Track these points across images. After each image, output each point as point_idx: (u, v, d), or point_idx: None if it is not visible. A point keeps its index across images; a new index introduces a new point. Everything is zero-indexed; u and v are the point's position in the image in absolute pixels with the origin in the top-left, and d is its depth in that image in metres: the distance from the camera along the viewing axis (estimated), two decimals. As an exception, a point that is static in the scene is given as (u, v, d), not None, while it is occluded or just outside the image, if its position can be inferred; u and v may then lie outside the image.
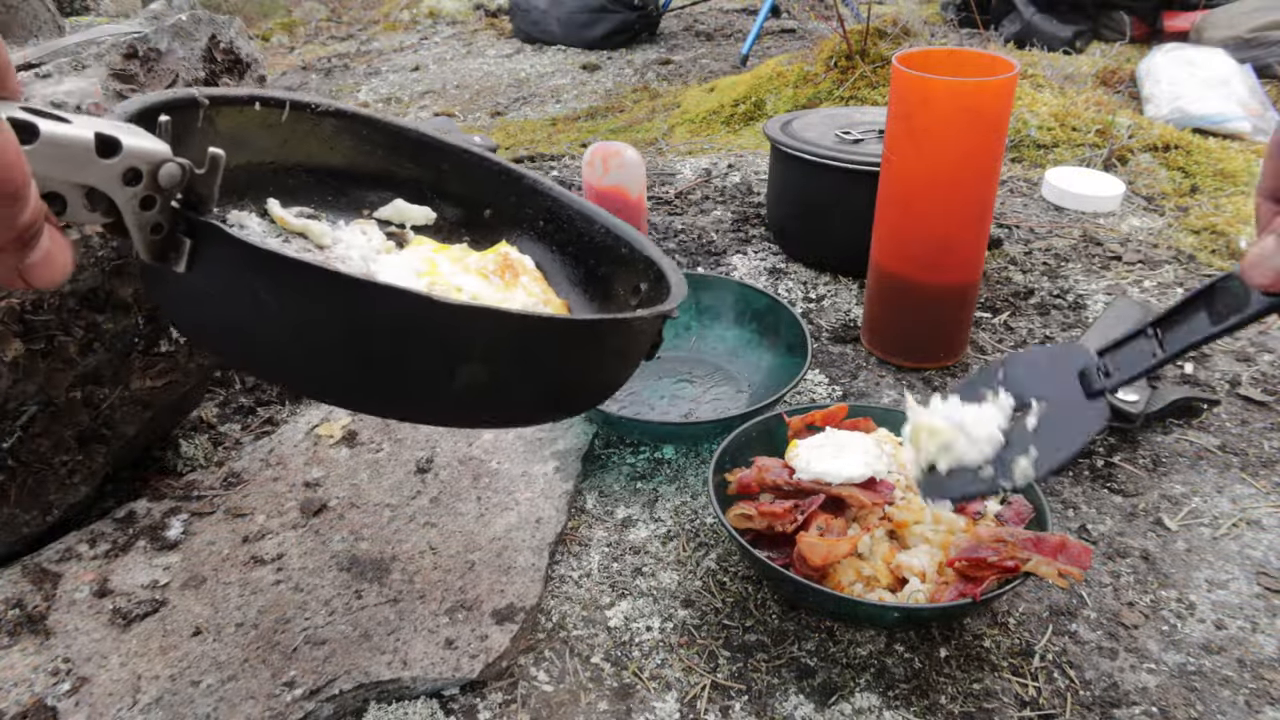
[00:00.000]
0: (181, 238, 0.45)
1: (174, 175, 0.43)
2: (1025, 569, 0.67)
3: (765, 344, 1.09)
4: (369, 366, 0.50)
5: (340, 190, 0.73)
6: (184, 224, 0.45)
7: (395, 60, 3.32)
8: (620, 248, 0.75)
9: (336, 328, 0.49)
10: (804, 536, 0.73)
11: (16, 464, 0.78)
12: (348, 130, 0.72)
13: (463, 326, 0.50)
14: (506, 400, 0.56)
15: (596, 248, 0.76)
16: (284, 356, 0.51)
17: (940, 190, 1.02)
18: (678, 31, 3.40)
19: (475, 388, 0.52)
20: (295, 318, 0.49)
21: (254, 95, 0.65)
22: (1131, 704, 0.70)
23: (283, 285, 0.47)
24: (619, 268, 0.75)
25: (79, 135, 0.38)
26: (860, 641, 0.75)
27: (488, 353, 0.51)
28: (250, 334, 0.50)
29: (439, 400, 0.53)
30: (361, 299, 0.48)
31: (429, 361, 0.50)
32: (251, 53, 1.04)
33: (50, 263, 0.37)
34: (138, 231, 0.44)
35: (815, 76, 2.21)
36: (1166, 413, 1.00)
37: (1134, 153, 1.74)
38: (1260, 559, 0.83)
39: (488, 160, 0.78)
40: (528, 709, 0.70)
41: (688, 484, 0.93)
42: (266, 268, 0.47)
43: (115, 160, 0.40)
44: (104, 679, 0.69)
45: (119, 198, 0.42)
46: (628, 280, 0.74)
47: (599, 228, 0.77)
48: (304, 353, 0.50)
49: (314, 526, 0.85)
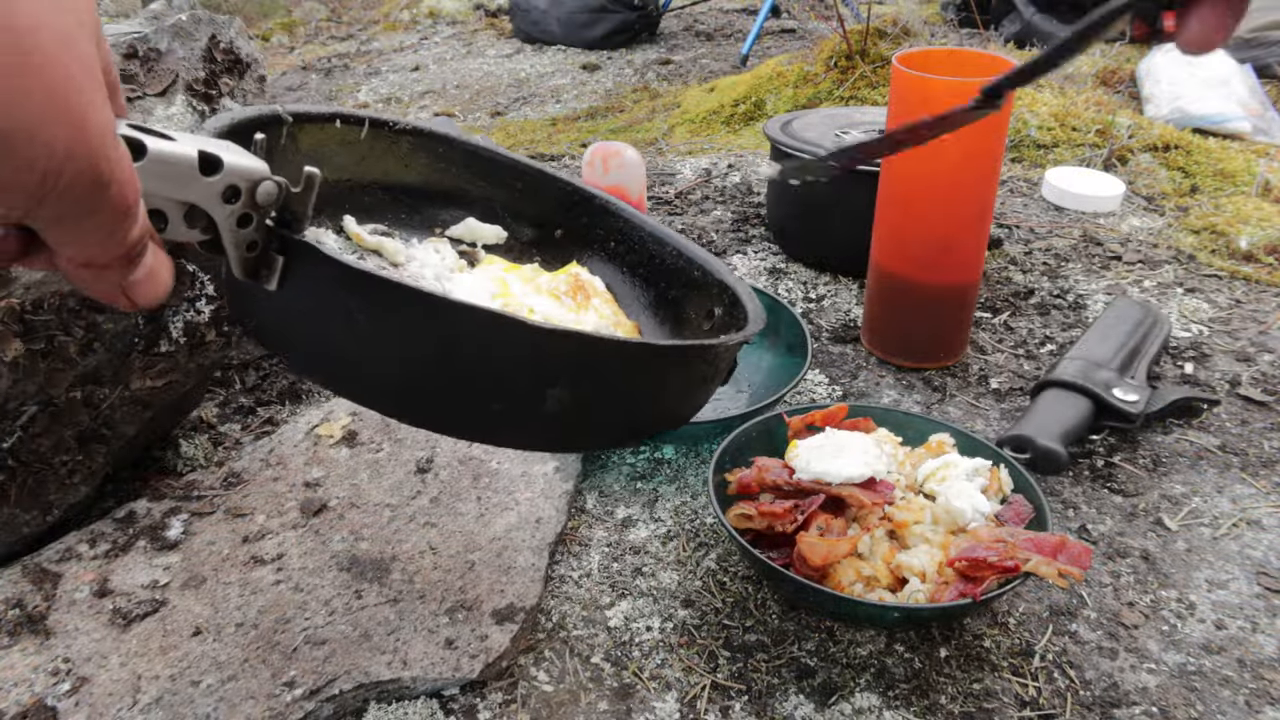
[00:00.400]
0: (274, 255, 0.46)
1: (271, 193, 0.43)
2: (1025, 569, 0.67)
3: (765, 344, 1.09)
4: (459, 389, 0.50)
5: (414, 208, 0.74)
6: (277, 242, 0.45)
7: (395, 60, 3.32)
8: (693, 271, 0.74)
9: (429, 349, 0.49)
10: (804, 536, 0.73)
11: (16, 464, 0.78)
12: (424, 148, 0.72)
13: (555, 350, 0.50)
14: (593, 424, 0.56)
15: (668, 270, 0.76)
16: (373, 378, 0.51)
17: (940, 190, 1.02)
18: (678, 31, 3.40)
19: (565, 411, 0.52)
20: (386, 339, 0.49)
21: (335, 113, 0.66)
22: (1131, 704, 0.70)
23: (374, 305, 0.47)
24: (691, 291, 0.74)
25: (184, 153, 0.39)
26: (860, 641, 0.75)
27: (579, 376, 0.51)
28: (340, 354, 0.50)
29: (528, 424, 0.53)
30: (454, 320, 0.48)
31: (518, 385, 0.50)
32: (251, 53, 1.04)
33: (154, 279, 0.37)
34: (233, 249, 0.44)
35: (815, 76, 2.21)
36: (1166, 413, 1.00)
37: (1134, 153, 1.74)
38: (1260, 559, 0.83)
39: (560, 180, 0.78)
40: (528, 709, 0.70)
41: (688, 484, 0.93)
42: (359, 287, 0.47)
43: (217, 178, 0.41)
44: (104, 679, 0.69)
45: (218, 215, 0.42)
46: (700, 304, 0.73)
47: (670, 250, 0.76)
48: (394, 375, 0.50)
49: (314, 526, 0.85)
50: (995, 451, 0.82)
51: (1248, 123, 1.88)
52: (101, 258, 0.33)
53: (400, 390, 0.51)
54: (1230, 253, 1.40)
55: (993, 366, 1.13)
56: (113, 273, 0.35)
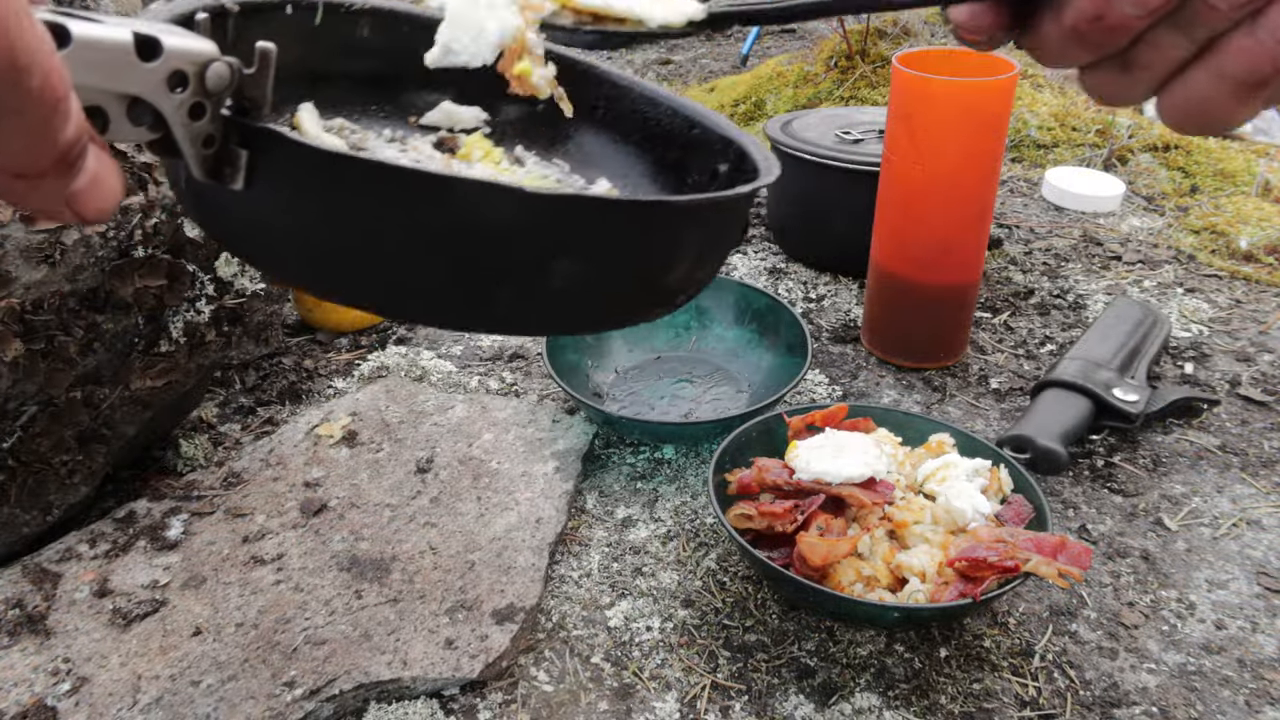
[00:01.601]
0: (236, 149, 0.41)
1: (222, 76, 0.39)
2: (1025, 569, 0.67)
3: (765, 344, 1.09)
4: (461, 273, 0.46)
5: (385, 96, 0.70)
6: (237, 133, 0.41)
7: (395, 60, 3.31)
8: (691, 129, 0.69)
9: (424, 232, 0.45)
10: (804, 536, 0.73)
11: (16, 464, 0.78)
12: (386, 28, 0.68)
13: (557, 217, 0.46)
14: (607, 296, 0.52)
15: (665, 132, 0.71)
16: (367, 272, 0.47)
17: (940, 190, 1.02)
18: (678, 31, 3.39)
19: (574, 286, 0.48)
20: (377, 226, 0.44)
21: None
22: (1131, 704, 0.70)
23: (360, 190, 0.43)
24: (691, 151, 0.70)
25: (116, 36, 0.35)
26: (860, 641, 0.75)
27: (585, 244, 0.48)
28: (327, 252, 0.46)
29: (538, 304, 0.49)
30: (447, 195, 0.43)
31: (521, 261, 0.46)
32: (251, 53, 1.04)
33: (100, 187, 0.33)
34: (188, 145, 0.39)
35: (815, 76, 2.21)
36: (1166, 413, 1.00)
37: (1134, 153, 1.74)
38: (1260, 559, 0.83)
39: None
40: (528, 709, 0.70)
41: (688, 484, 0.93)
42: (340, 172, 0.43)
43: (158, 63, 0.36)
44: (104, 679, 0.69)
45: (165, 106, 0.38)
46: (704, 164, 0.69)
47: (665, 109, 0.72)
48: (388, 266, 0.46)
49: (314, 526, 0.85)
50: (995, 451, 0.82)
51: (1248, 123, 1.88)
52: (34, 164, 0.30)
53: (396, 283, 0.47)
54: (1230, 253, 1.40)
55: (993, 366, 1.13)
56: (50, 182, 0.31)
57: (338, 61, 0.66)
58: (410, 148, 0.67)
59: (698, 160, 0.69)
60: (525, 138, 0.74)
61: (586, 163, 0.74)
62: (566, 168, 0.74)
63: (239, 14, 0.57)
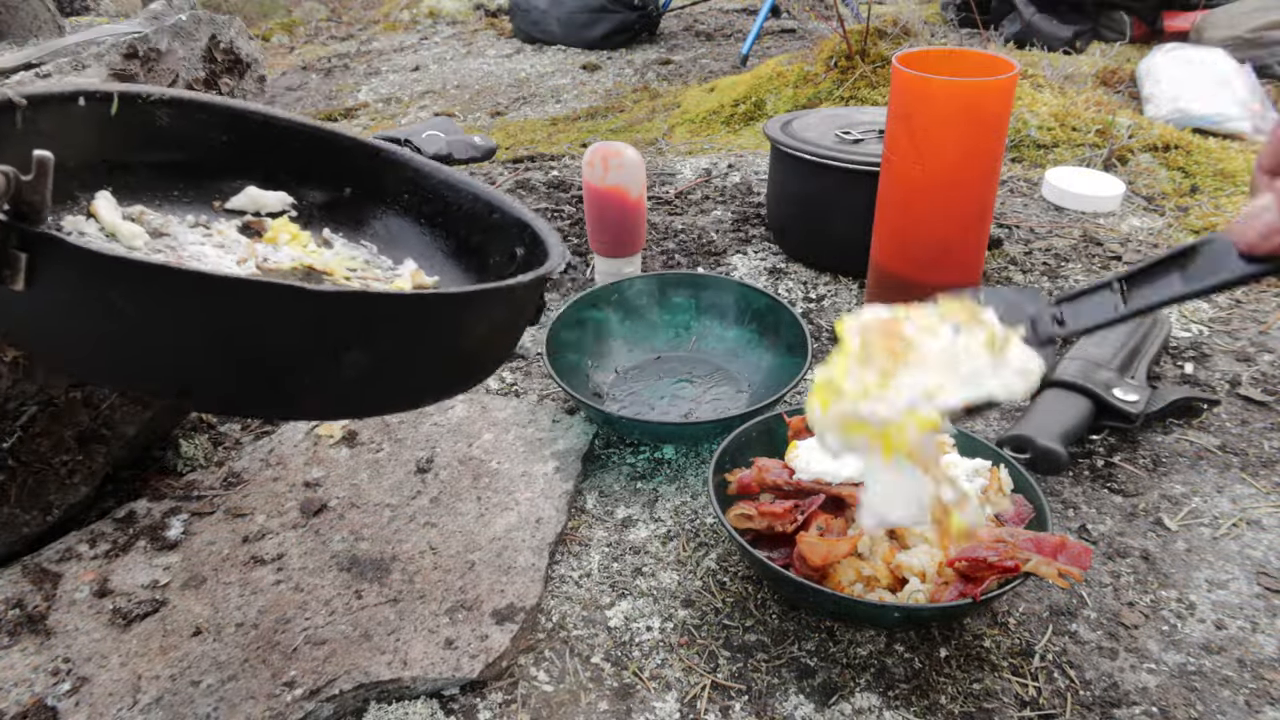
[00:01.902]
0: (15, 253, 0.41)
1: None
2: (1026, 569, 0.67)
3: (765, 344, 1.09)
4: (248, 367, 0.47)
5: (188, 182, 0.69)
6: (16, 237, 0.41)
7: (395, 60, 3.32)
8: (491, 214, 0.72)
9: (206, 330, 0.45)
10: (804, 536, 0.73)
11: (17, 464, 0.78)
12: (185, 117, 0.68)
13: (340, 312, 0.47)
14: (400, 382, 0.53)
15: (466, 216, 0.73)
16: (154, 369, 0.47)
17: (940, 190, 1.02)
18: (678, 31, 3.39)
19: (366, 374, 0.49)
20: (159, 326, 0.45)
21: (78, 90, 0.61)
22: (1131, 704, 0.70)
23: (138, 291, 0.43)
24: (491, 234, 0.72)
25: None
26: (860, 641, 0.75)
27: (372, 336, 0.49)
28: (113, 349, 0.46)
29: (330, 392, 0.50)
30: (226, 296, 0.44)
31: (309, 354, 0.47)
32: (251, 53, 1.04)
33: None
34: None
35: (815, 76, 2.21)
36: (1166, 413, 1.00)
37: (1134, 153, 1.74)
38: (1260, 559, 0.83)
39: (340, 136, 0.75)
40: (528, 709, 0.70)
41: (688, 484, 0.93)
42: (117, 274, 0.43)
43: None
44: (104, 679, 0.69)
45: None
46: (502, 246, 0.71)
47: (466, 195, 0.74)
48: (176, 362, 0.47)
49: (314, 526, 0.85)
50: (995, 451, 0.82)
51: (1248, 123, 1.88)
52: None
53: (185, 378, 0.48)
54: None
55: (993, 366, 1.13)
56: None
57: (137, 149, 0.66)
58: (215, 232, 0.67)
59: (497, 243, 0.71)
60: (332, 220, 0.74)
61: (393, 244, 0.75)
62: (374, 249, 0.74)
63: (27, 107, 0.56)
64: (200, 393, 0.49)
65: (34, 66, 0.89)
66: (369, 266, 0.71)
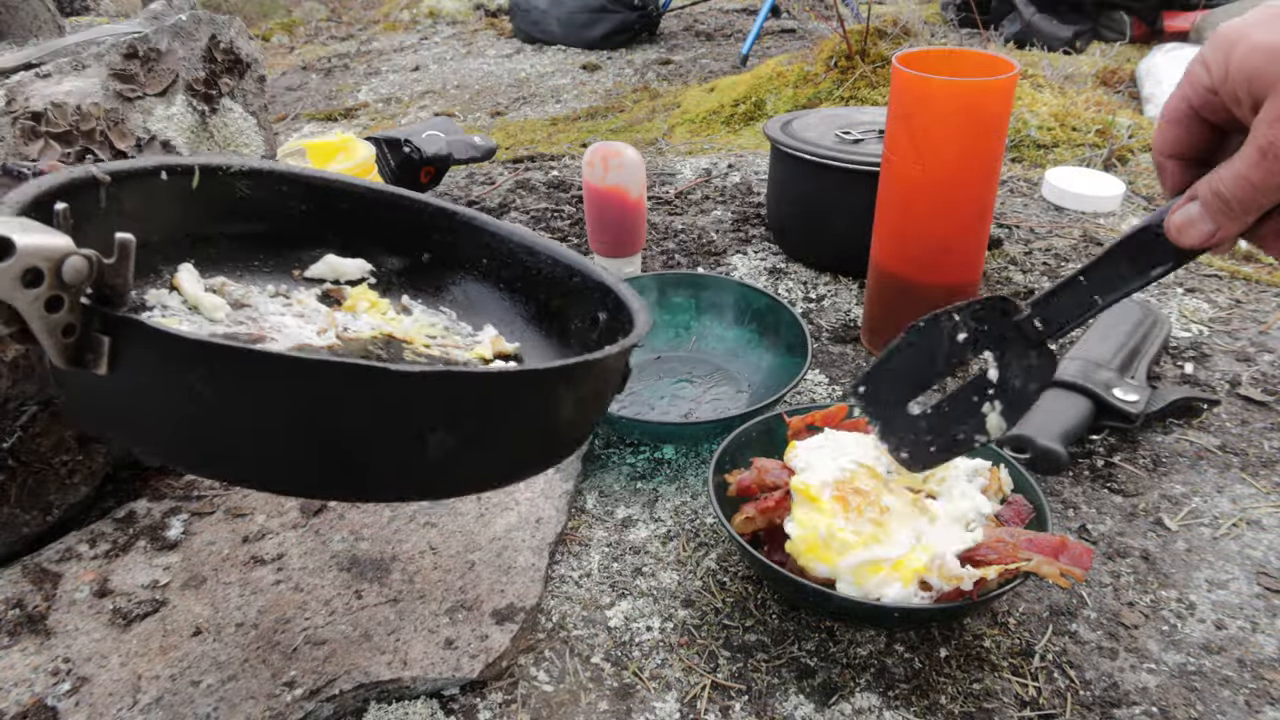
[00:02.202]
0: (98, 336, 0.41)
1: (79, 270, 0.39)
2: (1027, 569, 0.67)
3: (765, 344, 1.09)
4: (329, 452, 0.46)
5: (268, 252, 0.70)
6: (99, 321, 0.41)
7: (395, 60, 3.32)
8: (571, 278, 0.71)
9: (285, 414, 0.44)
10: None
11: (16, 464, 0.79)
12: (264, 188, 0.68)
13: (424, 394, 0.46)
14: (485, 463, 0.52)
15: (546, 280, 0.72)
16: (236, 456, 0.46)
17: (940, 190, 1.02)
18: (678, 31, 3.40)
19: (450, 455, 0.48)
20: (238, 411, 0.44)
21: (160, 165, 0.61)
22: (1131, 704, 0.70)
23: (217, 375, 0.43)
24: (572, 299, 0.71)
25: None
26: (860, 641, 0.75)
27: (457, 417, 0.47)
28: (194, 436, 0.46)
29: (414, 475, 0.49)
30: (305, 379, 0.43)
31: (391, 437, 0.46)
32: (251, 53, 1.04)
33: None
34: (47, 337, 0.39)
35: (815, 76, 2.21)
36: (1166, 413, 1.00)
37: (1134, 153, 1.74)
38: (1260, 559, 0.83)
39: (418, 202, 0.74)
40: (528, 709, 0.70)
41: (688, 484, 0.93)
42: (196, 358, 0.42)
43: (10, 262, 0.36)
44: (104, 679, 0.69)
45: (19, 303, 0.38)
46: (584, 311, 0.70)
47: (544, 258, 0.73)
48: (257, 448, 0.46)
49: (314, 526, 0.85)
50: (995, 451, 0.82)
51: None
52: None
53: (266, 463, 0.47)
54: (1230, 253, 1.40)
55: (993, 366, 1.13)
56: None
57: (218, 221, 0.66)
58: (295, 301, 0.67)
59: (579, 307, 0.70)
60: (411, 287, 0.74)
61: (472, 309, 0.74)
62: (454, 315, 0.74)
63: (111, 183, 0.56)
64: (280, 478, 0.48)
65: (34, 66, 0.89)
66: (448, 333, 0.70)
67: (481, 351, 0.68)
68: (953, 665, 0.73)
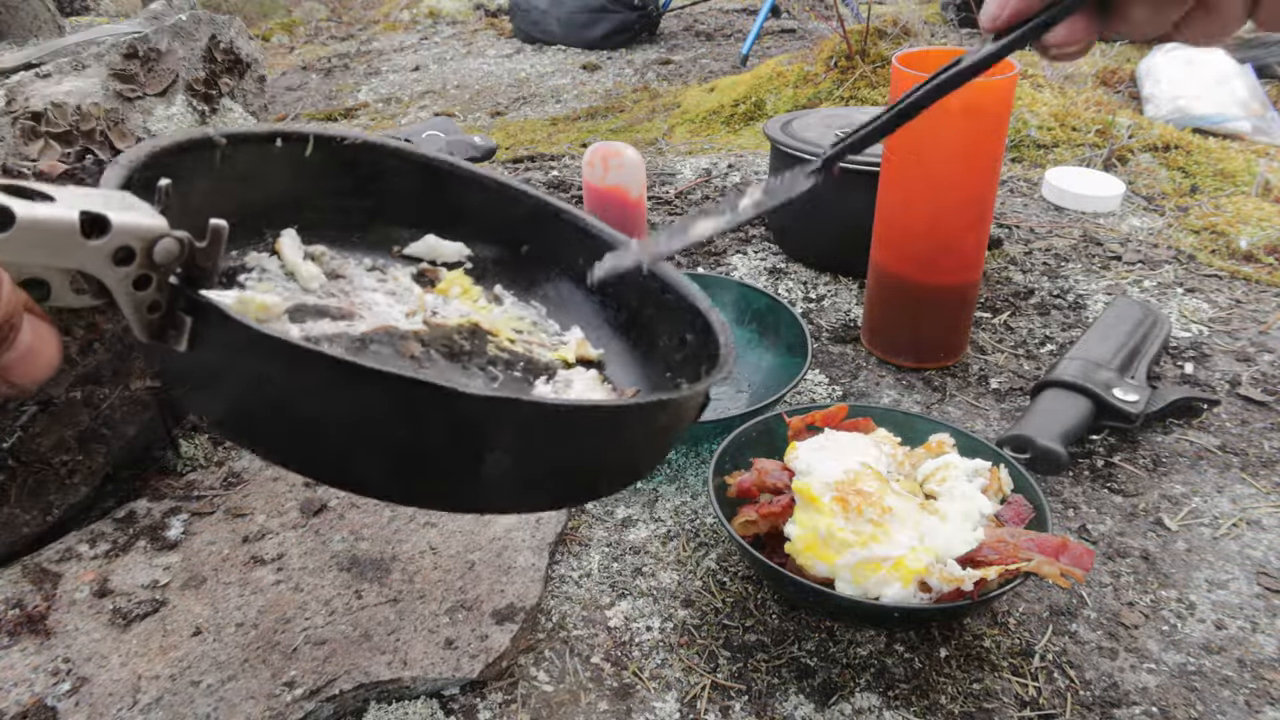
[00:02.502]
0: (182, 315, 0.42)
1: (171, 251, 0.39)
2: (1028, 569, 0.67)
3: (765, 344, 1.09)
4: (381, 456, 0.47)
5: (369, 224, 0.70)
6: (184, 301, 0.41)
7: (395, 60, 3.32)
8: (664, 292, 0.70)
9: (343, 416, 0.45)
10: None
11: (17, 464, 0.79)
12: (375, 163, 0.69)
13: (491, 416, 0.46)
14: (538, 486, 0.52)
15: (638, 289, 0.72)
16: (293, 443, 0.48)
17: (940, 190, 1.02)
18: (678, 31, 3.40)
19: (504, 474, 0.48)
20: (300, 405, 0.45)
21: (275, 132, 0.62)
22: (1131, 704, 0.70)
23: (284, 371, 0.44)
24: (663, 313, 0.70)
25: (61, 216, 0.35)
26: (860, 641, 0.75)
27: (520, 440, 0.48)
28: (255, 420, 0.47)
29: (463, 490, 0.49)
30: (371, 388, 0.43)
31: (450, 451, 0.47)
32: (251, 53, 1.04)
33: (31, 360, 0.32)
34: (132, 313, 0.40)
35: (815, 76, 2.21)
36: (1166, 413, 1.00)
37: (1134, 153, 1.74)
38: (1260, 559, 0.83)
39: (527, 194, 0.74)
40: (528, 709, 0.70)
41: (688, 484, 0.93)
42: (266, 351, 0.43)
43: (103, 241, 0.37)
44: (104, 679, 0.69)
45: (110, 280, 0.38)
46: (672, 329, 0.69)
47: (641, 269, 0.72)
48: (311, 441, 0.47)
49: (314, 526, 0.85)
50: (995, 451, 0.82)
51: (1248, 123, 1.88)
52: None
53: (315, 456, 0.48)
54: (1230, 253, 1.40)
55: (993, 366, 1.13)
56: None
57: (326, 191, 0.67)
58: (390, 278, 0.67)
59: (668, 324, 0.69)
60: (505, 278, 0.73)
61: (563, 308, 0.73)
62: (543, 311, 0.73)
63: (226, 145, 0.57)
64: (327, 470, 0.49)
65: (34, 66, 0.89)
66: (535, 329, 0.70)
67: (565, 354, 0.68)
68: (953, 665, 0.73)
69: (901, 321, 1.12)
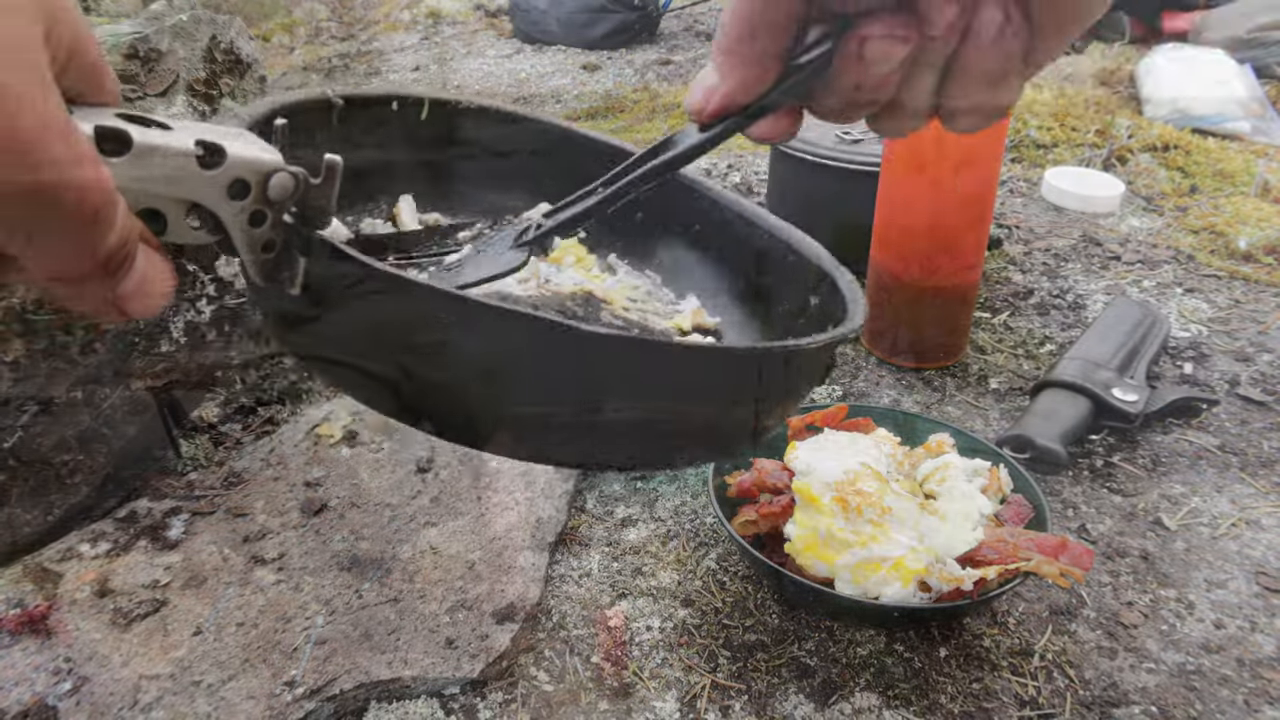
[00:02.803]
0: (296, 255, 0.41)
1: (285, 186, 0.39)
2: (1028, 569, 0.68)
3: (765, 344, 1.09)
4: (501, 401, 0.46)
5: (482, 191, 0.70)
6: (299, 240, 0.41)
7: (395, 60, 3.32)
8: (786, 256, 0.67)
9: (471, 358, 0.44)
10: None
11: (18, 463, 0.79)
12: (490, 128, 0.68)
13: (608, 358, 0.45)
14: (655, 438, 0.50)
15: (757, 254, 0.69)
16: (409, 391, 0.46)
17: (940, 190, 1.02)
18: (678, 31, 3.40)
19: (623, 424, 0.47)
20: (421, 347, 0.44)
21: (391, 95, 0.62)
22: (1131, 703, 0.70)
23: (405, 309, 0.42)
24: (784, 279, 0.67)
25: (178, 145, 0.34)
26: (860, 641, 0.75)
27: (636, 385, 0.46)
28: (369, 366, 0.46)
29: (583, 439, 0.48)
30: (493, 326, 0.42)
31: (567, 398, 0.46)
32: (252, 53, 1.04)
33: (146, 289, 0.32)
34: (246, 251, 0.39)
35: (815, 77, 2.21)
36: (1166, 413, 1.00)
37: (1133, 153, 1.74)
38: (1259, 559, 0.84)
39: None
40: (528, 708, 0.70)
41: (688, 484, 0.93)
42: (384, 289, 0.42)
43: (219, 171, 0.36)
44: (105, 678, 0.69)
45: (224, 213, 0.37)
46: (795, 294, 0.66)
47: (762, 231, 0.69)
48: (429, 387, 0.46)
49: (314, 526, 0.85)
50: (995, 451, 0.82)
51: (1247, 123, 1.88)
52: (72, 270, 0.29)
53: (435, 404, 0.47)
54: (1229, 253, 1.40)
55: (992, 366, 1.13)
56: (93, 285, 0.30)
57: (441, 156, 0.67)
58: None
59: (790, 289, 0.66)
60: (620, 245, 0.72)
61: (678, 276, 0.72)
62: (658, 279, 0.72)
63: (344, 106, 0.57)
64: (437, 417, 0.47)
65: (34, 67, 0.89)
66: (649, 299, 0.69)
67: (680, 322, 0.67)
68: (952, 665, 0.73)
69: (901, 321, 1.12)
